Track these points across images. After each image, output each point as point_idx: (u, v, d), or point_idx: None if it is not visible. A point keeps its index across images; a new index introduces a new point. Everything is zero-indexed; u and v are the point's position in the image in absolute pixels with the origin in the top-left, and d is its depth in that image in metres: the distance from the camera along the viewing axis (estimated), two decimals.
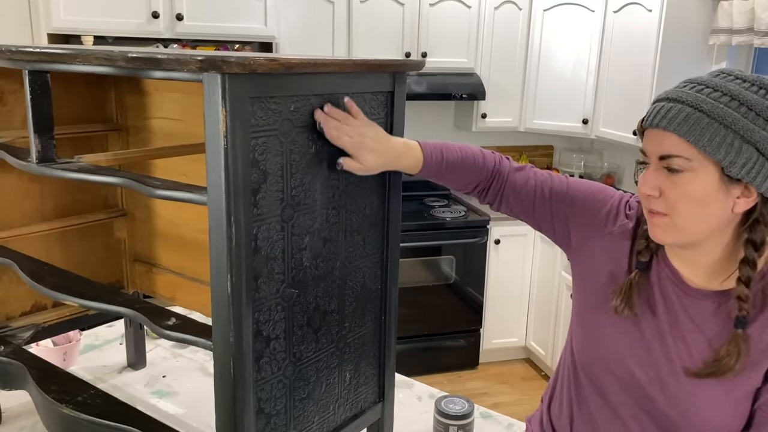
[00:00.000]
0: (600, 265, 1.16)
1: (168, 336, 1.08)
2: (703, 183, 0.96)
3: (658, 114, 0.98)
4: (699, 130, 0.94)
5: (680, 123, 0.95)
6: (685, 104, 0.96)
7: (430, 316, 3.70)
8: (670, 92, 1.00)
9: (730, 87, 0.96)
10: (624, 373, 1.11)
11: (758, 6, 2.94)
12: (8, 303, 1.57)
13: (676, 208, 0.99)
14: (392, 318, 1.32)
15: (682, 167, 0.97)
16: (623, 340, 1.11)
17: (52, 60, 1.11)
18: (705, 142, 0.94)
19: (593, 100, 3.69)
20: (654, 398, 1.08)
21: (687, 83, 1.00)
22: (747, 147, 0.94)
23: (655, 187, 1.00)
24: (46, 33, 2.90)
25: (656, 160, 1.00)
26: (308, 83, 1.00)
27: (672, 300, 1.08)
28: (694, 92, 0.97)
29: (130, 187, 1.06)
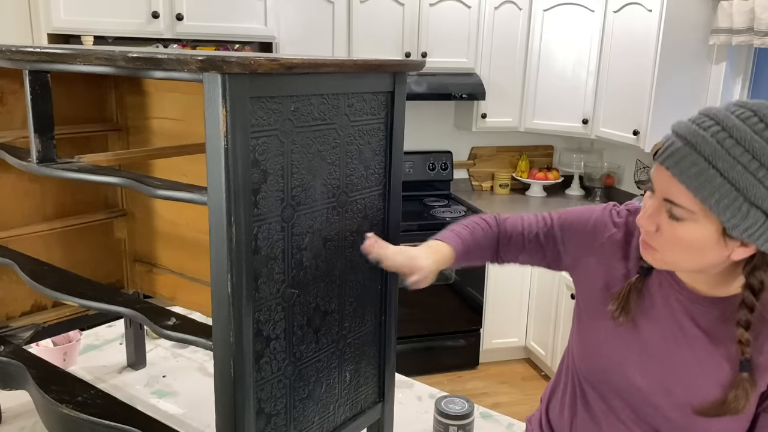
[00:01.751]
0: (595, 276, 1.16)
1: (168, 336, 1.08)
2: (702, 234, 0.93)
3: (672, 156, 0.92)
4: (709, 189, 0.88)
5: (691, 177, 0.89)
6: (701, 155, 0.89)
7: (430, 316, 3.70)
8: (690, 131, 0.92)
9: (756, 143, 0.87)
10: (625, 382, 1.10)
11: (758, 6, 2.93)
12: (8, 303, 1.57)
13: (670, 248, 0.97)
14: (392, 318, 1.32)
15: (682, 217, 0.93)
16: (623, 348, 1.10)
17: (52, 60, 1.11)
18: (713, 203, 0.89)
19: (593, 100, 3.69)
20: (658, 405, 1.07)
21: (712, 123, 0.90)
22: (755, 212, 0.88)
23: (654, 222, 0.98)
24: (46, 33, 2.89)
25: (661, 198, 0.96)
26: (308, 83, 1.00)
27: (675, 307, 1.07)
28: (715, 141, 0.89)
29: (130, 187, 1.06)
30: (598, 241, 1.16)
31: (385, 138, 1.20)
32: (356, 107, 1.12)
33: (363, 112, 1.13)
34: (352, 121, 1.12)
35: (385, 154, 1.22)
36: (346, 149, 1.11)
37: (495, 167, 4.32)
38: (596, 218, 1.18)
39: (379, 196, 1.22)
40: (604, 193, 4.11)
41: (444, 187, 4.16)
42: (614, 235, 1.15)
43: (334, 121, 1.07)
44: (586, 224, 1.19)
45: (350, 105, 1.10)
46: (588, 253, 1.17)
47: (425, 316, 3.69)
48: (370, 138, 1.17)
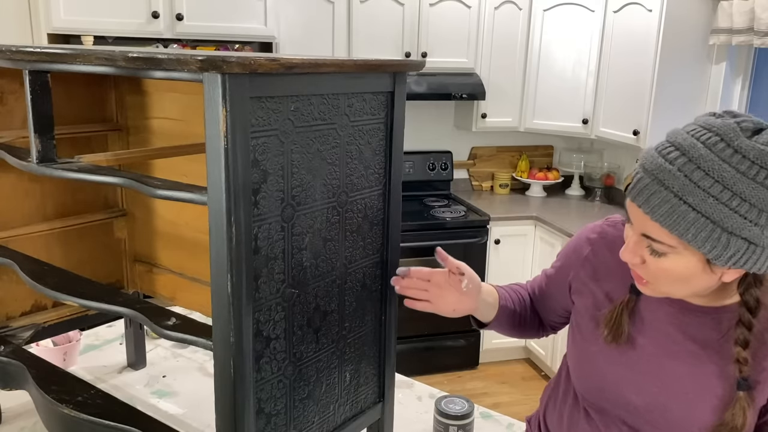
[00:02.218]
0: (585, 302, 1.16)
1: (168, 336, 1.08)
2: (686, 265, 0.91)
3: (642, 193, 0.90)
4: (684, 224, 0.86)
5: (664, 215, 0.87)
6: (671, 192, 0.86)
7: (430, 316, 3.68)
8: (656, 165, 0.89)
9: (725, 172, 0.84)
10: (621, 400, 1.09)
11: (758, 6, 2.93)
12: (8, 303, 1.57)
13: (659, 279, 0.96)
14: (392, 318, 1.32)
15: (665, 251, 0.91)
16: (617, 368, 1.09)
17: (52, 60, 1.11)
18: (690, 237, 0.86)
19: (593, 100, 3.69)
20: (655, 422, 1.06)
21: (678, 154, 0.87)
22: (735, 240, 0.86)
23: (637, 256, 0.96)
24: (46, 33, 2.90)
25: (639, 234, 0.94)
26: (308, 83, 1.00)
27: (667, 321, 1.05)
28: (683, 176, 0.86)
29: (131, 187, 1.06)
30: (575, 266, 1.18)
31: (385, 138, 1.20)
32: (356, 107, 1.12)
33: (363, 112, 1.13)
34: (352, 121, 1.12)
35: (385, 154, 1.21)
36: (346, 149, 1.11)
37: (495, 167, 4.32)
38: (575, 239, 1.21)
39: (379, 196, 1.22)
40: (604, 193, 4.11)
41: (444, 187, 4.16)
42: (588, 255, 1.16)
43: (334, 121, 1.07)
44: (571, 248, 1.21)
45: (350, 105, 1.10)
46: (576, 277, 1.19)
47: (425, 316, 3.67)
48: (370, 138, 1.17)
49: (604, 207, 3.98)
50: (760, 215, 0.85)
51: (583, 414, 1.17)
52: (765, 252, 0.87)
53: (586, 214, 3.78)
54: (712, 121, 0.88)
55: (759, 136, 0.86)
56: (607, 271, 1.13)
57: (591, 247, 1.16)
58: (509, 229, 3.69)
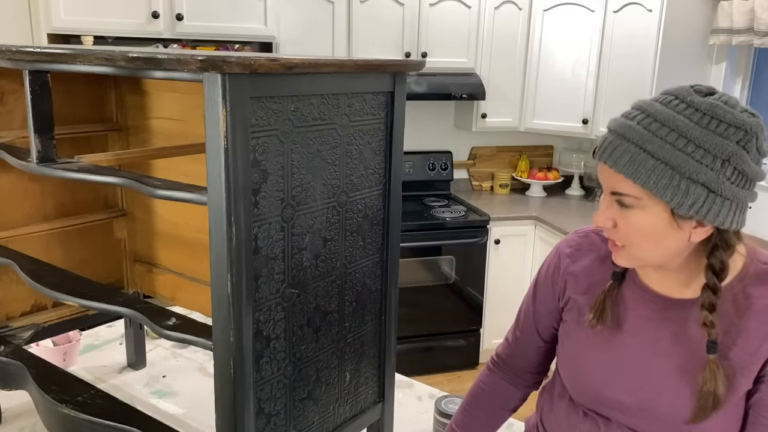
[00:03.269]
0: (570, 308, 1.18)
1: (168, 336, 1.08)
2: (654, 220, 0.95)
3: (606, 150, 0.97)
4: (645, 172, 0.92)
5: (626, 164, 0.93)
6: (631, 143, 0.94)
7: (430, 316, 3.70)
8: (619, 124, 0.97)
9: (679, 122, 0.92)
10: (613, 401, 1.10)
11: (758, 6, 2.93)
12: (8, 303, 1.57)
13: (631, 240, 0.99)
14: (392, 318, 1.32)
15: (632, 204, 0.96)
16: (607, 370, 1.11)
17: (52, 60, 1.11)
18: (651, 184, 0.92)
19: (593, 100, 3.69)
20: (649, 417, 1.07)
21: (638, 112, 0.96)
22: (695, 187, 0.91)
23: (609, 218, 1.00)
24: (46, 33, 2.89)
25: (609, 193, 0.99)
26: (308, 83, 1.00)
27: (649, 318, 1.07)
28: (641, 128, 0.94)
29: (130, 187, 1.06)
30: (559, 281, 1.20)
31: (385, 138, 1.20)
32: (356, 107, 1.12)
33: (363, 112, 1.13)
34: (352, 121, 1.12)
35: (385, 154, 1.22)
36: (346, 149, 1.11)
37: (495, 167, 4.32)
38: (550, 260, 1.23)
39: (379, 196, 1.22)
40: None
41: (444, 187, 4.16)
42: (565, 264, 1.19)
43: (334, 121, 1.07)
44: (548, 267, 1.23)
45: (350, 105, 1.10)
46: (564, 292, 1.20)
47: (425, 316, 3.69)
48: (370, 138, 1.17)
49: None
50: (715, 160, 0.91)
51: (582, 415, 1.17)
52: (724, 202, 0.92)
53: (586, 214, 3.78)
54: (670, 89, 0.98)
55: (710, 96, 0.95)
56: (589, 275, 1.16)
57: (569, 259, 1.19)
58: (509, 229, 3.69)
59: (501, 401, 1.33)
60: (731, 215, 0.94)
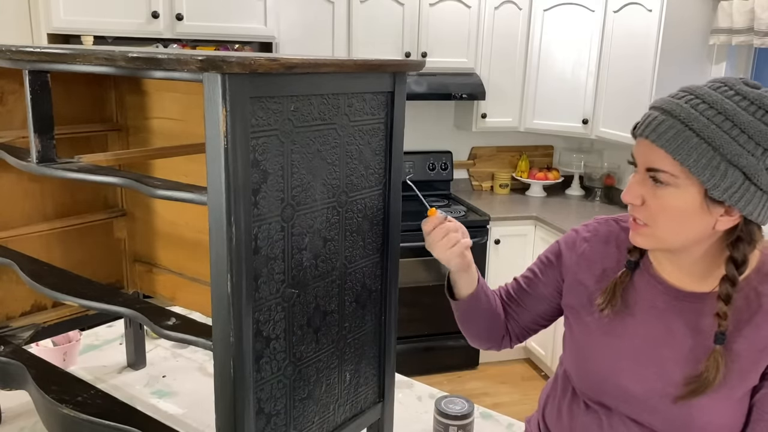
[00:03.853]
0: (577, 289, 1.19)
1: (168, 336, 1.08)
2: (685, 200, 0.96)
3: (650, 125, 0.97)
4: (687, 149, 0.93)
5: (669, 140, 0.94)
6: (677, 119, 0.95)
7: (430, 316, 3.70)
8: (665, 102, 0.98)
9: (727, 105, 0.94)
10: (620, 391, 1.11)
11: (758, 6, 2.93)
12: (8, 303, 1.57)
13: (657, 219, 1.00)
14: (392, 318, 1.32)
15: (666, 181, 0.97)
16: (615, 359, 1.11)
17: (52, 60, 1.11)
18: (691, 162, 0.93)
19: (593, 100, 3.69)
20: (655, 407, 1.07)
21: (685, 93, 0.98)
22: (733, 171, 0.93)
23: (638, 196, 1.01)
24: (46, 33, 2.89)
25: (643, 170, 1.00)
26: (308, 83, 1.00)
27: (661, 308, 1.08)
28: (689, 107, 0.95)
29: (130, 187, 1.06)
30: (570, 263, 1.21)
31: (385, 138, 1.20)
32: (356, 107, 1.12)
33: (363, 112, 1.13)
34: (352, 121, 1.12)
35: (385, 154, 1.22)
36: (346, 149, 1.11)
37: (495, 167, 4.32)
38: (566, 239, 1.24)
39: (379, 196, 1.22)
40: (604, 193, 4.11)
41: (444, 187, 4.16)
42: (582, 247, 1.20)
43: (334, 121, 1.07)
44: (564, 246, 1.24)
45: (350, 105, 1.10)
46: (568, 272, 1.21)
47: (425, 316, 3.69)
48: (370, 138, 1.17)
49: (604, 207, 3.98)
50: (757, 148, 0.93)
51: (584, 407, 1.18)
52: (757, 192, 0.94)
53: (586, 214, 3.78)
54: (719, 77, 1.01)
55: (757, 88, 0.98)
56: (604, 263, 1.16)
57: (587, 244, 1.20)
58: (509, 229, 3.69)
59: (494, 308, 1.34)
60: (760, 207, 0.95)
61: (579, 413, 1.18)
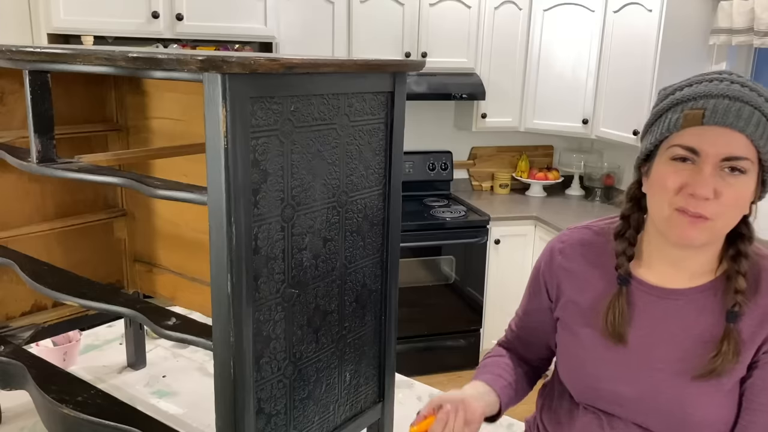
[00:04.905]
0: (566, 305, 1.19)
1: (168, 336, 1.08)
2: (750, 186, 0.98)
3: (729, 113, 0.94)
4: (761, 132, 0.95)
5: (754, 125, 0.94)
6: (750, 105, 0.94)
7: (430, 316, 3.70)
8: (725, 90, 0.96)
9: (758, 88, 0.97)
10: (614, 395, 1.11)
11: (758, 6, 2.93)
12: (8, 303, 1.57)
13: (727, 211, 0.97)
14: (392, 318, 1.32)
15: (746, 168, 0.96)
16: (607, 366, 1.11)
17: (52, 60, 1.11)
18: (762, 144, 0.95)
19: (593, 100, 3.69)
20: (648, 409, 1.08)
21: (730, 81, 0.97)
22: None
23: (713, 190, 0.96)
24: (46, 33, 2.89)
25: (717, 161, 0.95)
26: (308, 83, 1.00)
27: (646, 310, 1.08)
28: (748, 92, 0.96)
29: (130, 187, 1.06)
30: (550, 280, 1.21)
31: (385, 138, 1.20)
32: (356, 107, 1.12)
33: (363, 112, 1.13)
34: (352, 121, 1.12)
35: (385, 154, 1.22)
36: (346, 149, 1.11)
37: (495, 167, 4.32)
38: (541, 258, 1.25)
39: (379, 196, 1.22)
40: (604, 193, 4.10)
41: (444, 187, 4.16)
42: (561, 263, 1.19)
43: (334, 121, 1.07)
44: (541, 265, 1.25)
45: (350, 105, 1.10)
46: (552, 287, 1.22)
47: (425, 316, 3.69)
48: (370, 138, 1.17)
49: (604, 207, 3.98)
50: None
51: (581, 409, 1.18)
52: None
53: (586, 214, 3.78)
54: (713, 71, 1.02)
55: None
56: (584, 271, 1.16)
57: (561, 255, 1.19)
58: (509, 229, 3.69)
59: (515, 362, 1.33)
60: None
61: (578, 414, 1.18)
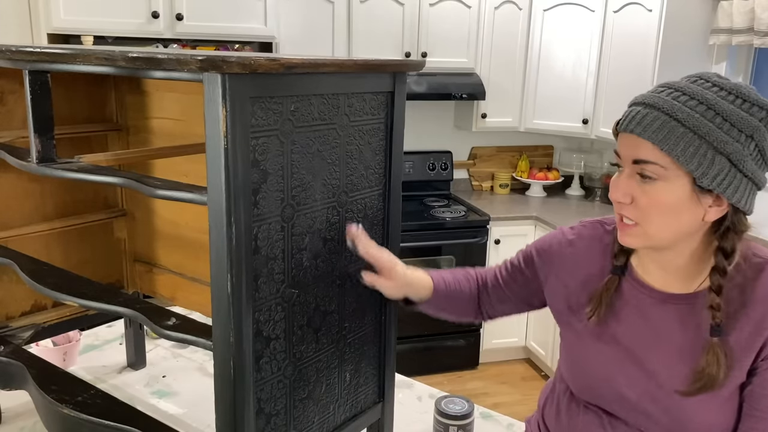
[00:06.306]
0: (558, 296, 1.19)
1: (168, 336, 1.08)
2: (675, 192, 0.96)
3: (633, 119, 0.97)
4: (673, 139, 0.93)
5: (655, 131, 0.94)
6: (661, 111, 0.95)
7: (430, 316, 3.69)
8: (646, 97, 0.98)
9: (707, 95, 0.94)
10: (614, 395, 1.11)
11: (758, 6, 2.94)
12: (8, 303, 1.57)
13: (647, 216, 0.99)
14: (392, 318, 1.32)
15: (656, 174, 0.96)
16: (608, 363, 1.11)
17: (52, 60, 1.11)
18: (679, 152, 0.93)
19: (593, 100, 3.69)
20: (648, 412, 1.08)
21: (664, 88, 0.98)
22: (719, 158, 0.93)
23: (627, 194, 0.99)
24: (46, 33, 2.89)
25: (630, 165, 0.99)
26: (308, 83, 1.00)
27: (648, 313, 1.08)
28: (671, 99, 0.95)
29: (130, 187, 1.06)
30: (555, 261, 1.20)
31: (385, 138, 1.20)
32: (356, 107, 1.12)
33: (363, 112, 1.13)
34: (352, 121, 1.12)
35: (385, 154, 1.22)
36: (346, 149, 1.11)
37: (495, 167, 4.33)
38: (551, 238, 1.23)
39: (379, 196, 1.22)
40: (604, 193, 4.10)
41: (444, 187, 4.16)
42: (566, 250, 1.19)
43: (334, 121, 1.07)
44: (548, 245, 1.23)
45: (350, 105, 1.10)
46: (551, 273, 1.21)
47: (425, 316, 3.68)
48: (370, 138, 1.17)
49: (604, 207, 3.98)
50: (740, 134, 0.94)
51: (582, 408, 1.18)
52: (743, 179, 0.95)
53: (586, 214, 3.78)
54: (692, 74, 1.02)
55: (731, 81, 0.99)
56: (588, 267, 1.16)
57: (571, 248, 1.19)
58: (509, 229, 3.69)
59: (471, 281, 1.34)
60: (746, 194, 0.96)
61: (579, 413, 1.18)
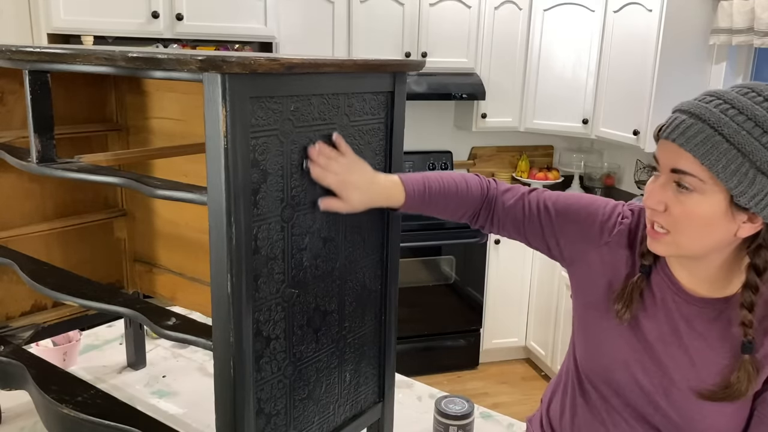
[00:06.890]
0: (598, 276, 1.14)
1: (168, 336, 1.08)
2: (710, 206, 0.93)
3: (678, 128, 0.94)
4: (716, 154, 0.90)
5: (698, 144, 0.91)
6: (707, 124, 0.91)
7: (430, 316, 3.70)
8: (693, 105, 0.94)
9: (757, 112, 0.91)
10: (628, 380, 1.10)
11: (758, 6, 2.93)
12: (8, 303, 1.57)
13: (679, 226, 0.96)
14: (392, 318, 1.32)
15: (693, 186, 0.93)
16: (626, 347, 1.10)
17: (52, 60, 1.11)
18: (720, 168, 0.90)
19: (593, 100, 3.69)
20: (658, 404, 1.08)
21: (713, 98, 0.94)
22: (761, 178, 0.90)
23: (661, 202, 0.97)
24: (46, 33, 2.89)
25: (668, 173, 0.96)
26: (308, 83, 1.00)
27: (671, 309, 1.07)
28: (719, 111, 0.92)
29: (130, 187, 1.06)
30: (603, 239, 1.13)
31: (385, 138, 1.20)
32: (356, 107, 1.12)
33: (363, 112, 1.13)
34: (352, 121, 1.12)
35: (385, 154, 1.22)
36: None
37: (495, 167, 4.32)
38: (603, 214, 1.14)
39: None
40: (604, 193, 4.10)
41: None
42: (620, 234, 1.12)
43: (334, 121, 1.07)
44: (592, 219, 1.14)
45: (350, 105, 1.10)
46: (591, 249, 1.14)
47: (425, 316, 3.69)
48: (370, 138, 1.17)
49: None
50: None
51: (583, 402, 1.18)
52: None
53: None
54: (744, 83, 0.97)
55: None
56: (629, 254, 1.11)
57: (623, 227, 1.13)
58: None
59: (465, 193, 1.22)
60: None
61: (583, 410, 1.18)
